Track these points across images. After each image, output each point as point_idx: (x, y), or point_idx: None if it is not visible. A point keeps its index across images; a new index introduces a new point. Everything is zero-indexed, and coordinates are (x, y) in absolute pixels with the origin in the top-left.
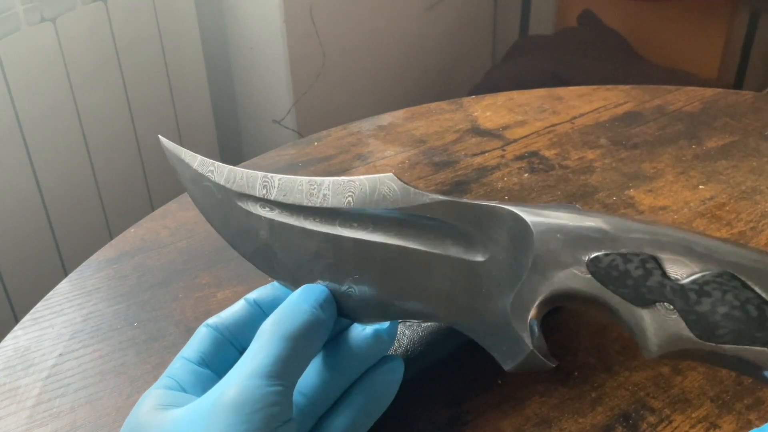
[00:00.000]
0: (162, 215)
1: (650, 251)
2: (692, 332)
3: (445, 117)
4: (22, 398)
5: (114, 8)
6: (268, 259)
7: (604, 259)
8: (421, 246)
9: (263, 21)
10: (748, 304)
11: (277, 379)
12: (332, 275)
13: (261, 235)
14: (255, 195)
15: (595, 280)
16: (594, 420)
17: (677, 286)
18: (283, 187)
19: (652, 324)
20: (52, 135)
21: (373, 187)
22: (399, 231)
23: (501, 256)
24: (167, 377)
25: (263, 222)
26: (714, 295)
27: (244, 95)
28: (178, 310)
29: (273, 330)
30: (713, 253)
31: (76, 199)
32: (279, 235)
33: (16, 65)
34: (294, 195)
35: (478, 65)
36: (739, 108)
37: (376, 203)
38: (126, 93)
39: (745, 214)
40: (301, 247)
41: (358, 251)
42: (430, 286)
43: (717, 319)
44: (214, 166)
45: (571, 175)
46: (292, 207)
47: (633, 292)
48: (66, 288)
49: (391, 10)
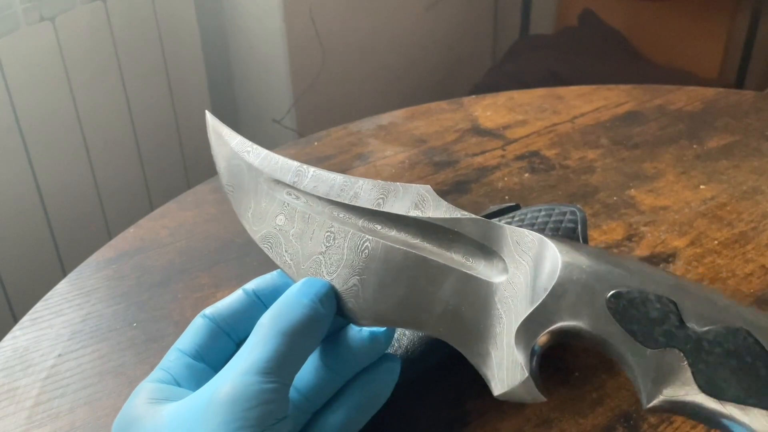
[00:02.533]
0: (161, 215)
1: (670, 295)
2: (697, 382)
3: (445, 116)
4: (20, 399)
5: (113, 7)
6: (278, 246)
7: (626, 295)
8: (440, 258)
9: (263, 21)
10: (758, 362)
11: (274, 376)
12: (340, 271)
13: (278, 220)
14: (285, 181)
15: (610, 315)
16: (595, 420)
17: (692, 333)
18: (316, 178)
19: (659, 368)
20: (51, 134)
21: (407, 194)
22: (422, 240)
23: (519, 280)
24: (161, 370)
25: (285, 208)
26: (727, 348)
27: (244, 95)
28: (178, 311)
29: (271, 325)
30: (731, 309)
31: (75, 199)
32: (297, 223)
33: (16, 64)
34: (325, 188)
35: (478, 65)
36: (740, 108)
37: (406, 210)
38: (125, 92)
39: (746, 214)
40: (316, 238)
41: (375, 252)
42: (439, 298)
43: (725, 374)
44: (252, 147)
45: (572, 174)
46: (319, 199)
47: (646, 332)
48: (65, 288)
49: (391, 10)
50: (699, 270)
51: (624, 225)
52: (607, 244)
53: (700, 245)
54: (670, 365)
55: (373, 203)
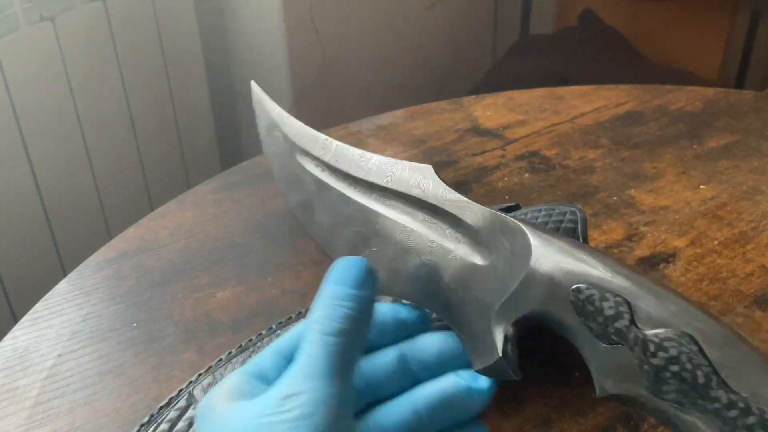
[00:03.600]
0: (161, 215)
1: (626, 296)
2: (642, 382)
3: (445, 116)
4: (20, 399)
5: (113, 7)
6: (309, 213)
7: (585, 292)
8: (435, 236)
9: (263, 21)
10: (698, 370)
11: (334, 378)
12: (356, 242)
13: (308, 189)
14: (312, 153)
15: (572, 309)
16: (595, 421)
17: (641, 335)
18: (337, 152)
19: (611, 363)
20: (51, 134)
21: (411, 174)
22: (423, 219)
23: (500, 265)
24: (254, 363)
25: (313, 179)
26: (671, 353)
27: (244, 95)
28: (178, 311)
29: (319, 329)
30: (682, 315)
31: (75, 199)
32: (322, 193)
33: (15, 64)
34: (344, 162)
35: (478, 64)
36: (740, 108)
37: (410, 188)
38: (125, 92)
39: (746, 214)
40: (337, 209)
41: (383, 227)
42: (433, 274)
43: (667, 376)
44: (288, 119)
45: (572, 174)
46: (339, 172)
47: (601, 328)
48: (65, 288)
49: (391, 10)
50: (699, 270)
51: (624, 225)
52: (607, 244)
53: (700, 245)
54: (620, 362)
55: (383, 181)
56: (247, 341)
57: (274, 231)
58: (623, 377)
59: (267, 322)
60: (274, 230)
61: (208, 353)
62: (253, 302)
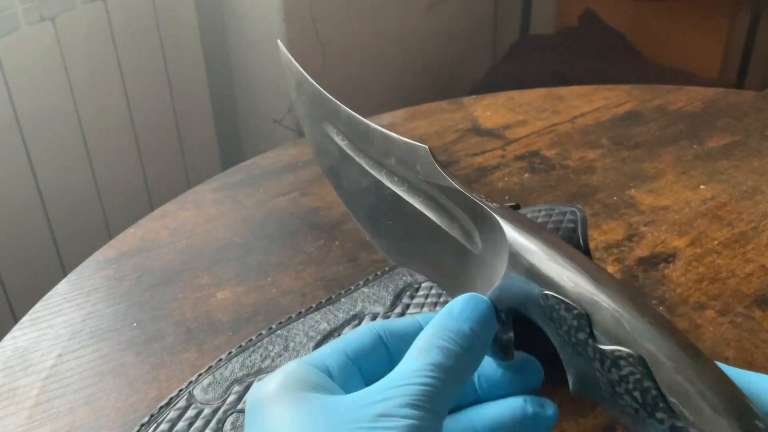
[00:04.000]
0: (161, 215)
1: (587, 309)
2: (604, 391)
3: (445, 116)
4: (21, 399)
5: (113, 7)
6: (336, 179)
7: (552, 299)
8: (436, 219)
9: (263, 21)
10: (646, 393)
11: (425, 412)
12: (373, 214)
13: (333, 156)
14: (333, 121)
15: (544, 312)
16: (595, 420)
17: (598, 349)
18: (347, 121)
19: (576, 369)
20: (52, 134)
21: (409, 155)
22: (424, 198)
23: (487, 257)
24: (319, 356)
25: (336, 147)
26: (623, 371)
27: (244, 95)
28: (178, 311)
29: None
30: (637, 335)
31: (75, 199)
32: (344, 163)
33: (16, 64)
34: (358, 135)
35: (478, 65)
36: (740, 108)
37: (408, 170)
38: (125, 92)
39: (746, 214)
40: (356, 180)
41: (393, 203)
42: (439, 255)
43: (621, 391)
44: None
45: (572, 174)
46: (356, 145)
47: (566, 336)
48: (65, 288)
49: (391, 10)
50: (699, 270)
51: (624, 225)
52: (607, 244)
53: (700, 245)
54: (584, 369)
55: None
56: (247, 341)
57: (274, 231)
58: (588, 384)
59: (267, 322)
60: (274, 230)
61: (208, 353)
62: (253, 302)
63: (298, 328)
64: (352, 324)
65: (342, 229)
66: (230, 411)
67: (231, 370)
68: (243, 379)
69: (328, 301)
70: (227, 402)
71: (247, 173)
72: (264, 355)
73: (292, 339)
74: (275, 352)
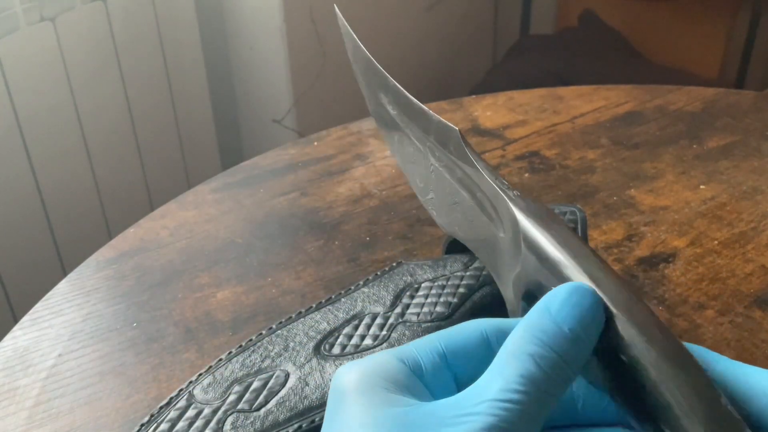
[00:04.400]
0: (161, 215)
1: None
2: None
3: (445, 116)
4: (21, 399)
5: (113, 8)
6: (392, 144)
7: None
8: (468, 198)
9: (263, 21)
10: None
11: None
12: (420, 183)
13: (388, 122)
14: (385, 92)
15: None
16: None
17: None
18: (398, 96)
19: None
20: (52, 135)
21: (444, 134)
22: (459, 177)
23: (508, 242)
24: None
25: (389, 116)
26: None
27: (244, 95)
28: (178, 311)
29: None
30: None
31: (76, 199)
32: (396, 130)
33: (16, 64)
34: (404, 108)
35: (478, 65)
36: (740, 108)
37: (445, 146)
38: (125, 93)
39: (746, 214)
40: (405, 147)
41: (434, 176)
42: (476, 231)
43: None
44: (362, 52)
45: (572, 175)
46: (402, 116)
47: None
48: (65, 288)
49: (391, 10)
50: (699, 270)
51: (624, 225)
52: (607, 244)
53: (700, 245)
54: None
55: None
56: (247, 341)
57: (274, 231)
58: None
59: (267, 322)
60: (274, 230)
61: (208, 353)
62: (253, 302)
63: (298, 328)
64: (352, 324)
65: (342, 229)
66: (230, 411)
67: (231, 370)
68: (243, 379)
69: (328, 301)
70: (227, 402)
71: (247, 173)
72: (264, 355)
73: (292, 339)
74: (275, 352)
